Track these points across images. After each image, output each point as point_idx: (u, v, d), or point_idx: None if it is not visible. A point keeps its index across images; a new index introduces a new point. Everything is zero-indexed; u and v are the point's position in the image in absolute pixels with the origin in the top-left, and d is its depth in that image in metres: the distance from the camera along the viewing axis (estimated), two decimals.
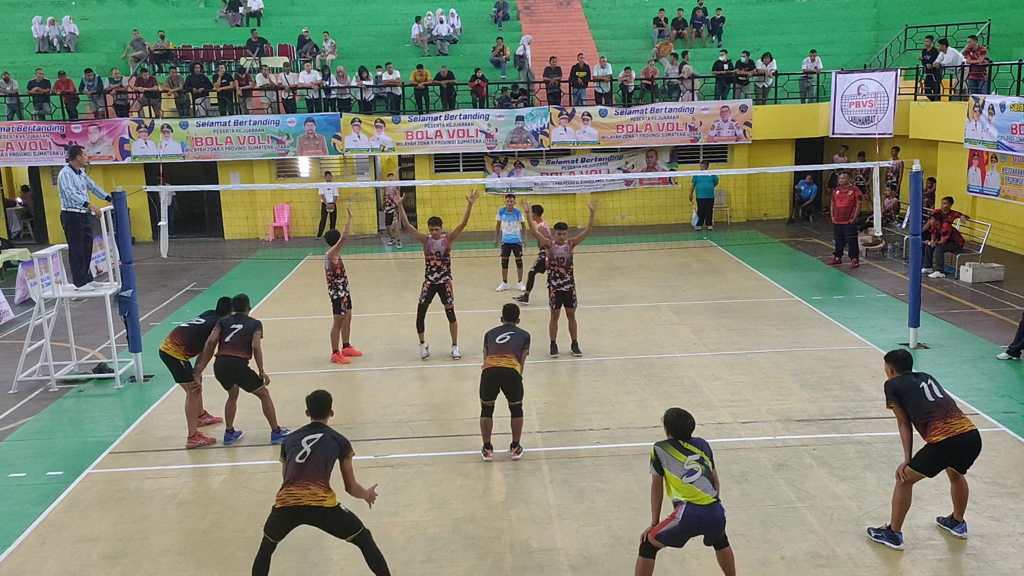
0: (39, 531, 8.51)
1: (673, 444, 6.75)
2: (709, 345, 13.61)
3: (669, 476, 6.67)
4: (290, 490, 6.84)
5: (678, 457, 6.68)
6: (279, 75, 24.72)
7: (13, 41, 28.28)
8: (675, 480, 6.63)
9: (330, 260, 13.13)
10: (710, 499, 6.57)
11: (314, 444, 6.96)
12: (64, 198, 12.53)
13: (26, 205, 26.18)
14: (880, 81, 22.08)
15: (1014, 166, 18.89)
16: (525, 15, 29.90)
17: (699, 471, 6.61)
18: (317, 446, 6.95)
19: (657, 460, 6.75)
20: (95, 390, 12.61)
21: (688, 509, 6.55)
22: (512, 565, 7.64)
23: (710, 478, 6.65)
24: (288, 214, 25.07)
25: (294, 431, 7.23)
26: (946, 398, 7.60)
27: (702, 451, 6.75)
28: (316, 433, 7.06)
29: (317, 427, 7.15)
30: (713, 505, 6.59)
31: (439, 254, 13.19)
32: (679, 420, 6.82)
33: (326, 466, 6.91)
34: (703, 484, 6.58)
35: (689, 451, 6.70)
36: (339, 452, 7.03)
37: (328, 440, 7.03)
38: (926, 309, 14.07)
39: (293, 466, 6.89)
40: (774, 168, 22.65)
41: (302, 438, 7.03)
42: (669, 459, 6.69)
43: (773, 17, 29.51)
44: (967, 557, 7.54)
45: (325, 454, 6.94)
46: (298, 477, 6.84)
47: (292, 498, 6.81)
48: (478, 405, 11.41)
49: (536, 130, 23.95)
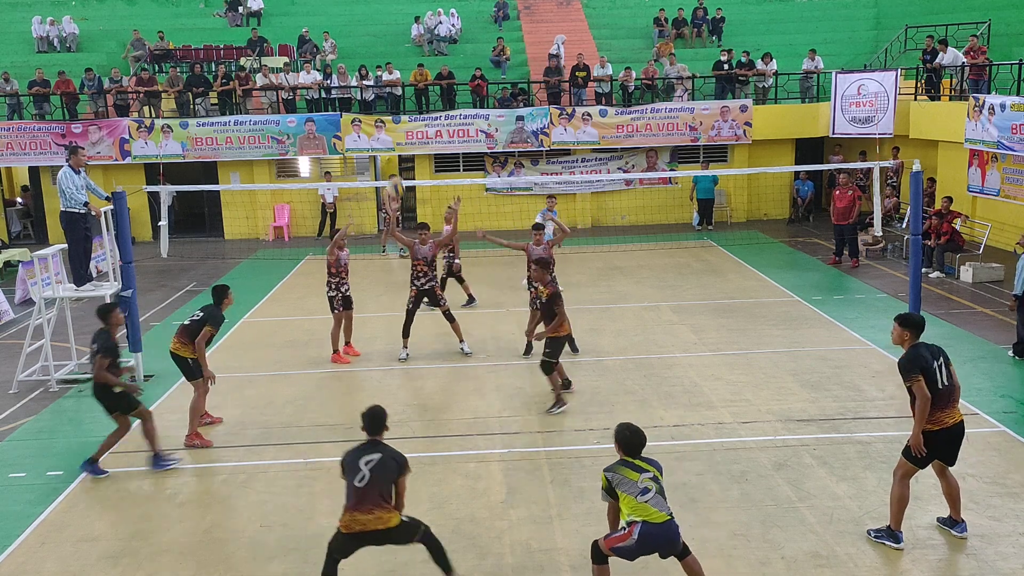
0: (39, 531, 8.51)
1: (624, 464, 6.69)
2: (709, 345, 13.61)
3: (623, 497, 6.56)
4: (354, 516, 6.70)
5: (631, 476, 6.60)
6: (279, 75, 24.73)
7: (13, 41, 28.28)
8: (629, 500, 6.53)
9: (327, 258, 13.18)
10: (665, 516, 6.50)
11: (373, 467, 6.72)
12: (64, 198, 12.54)
13: (26, 205, 26.19)
14: (880, 81, 22.08)
15: (1014, 166, 18.89)
16: (525, 15, 29.90)
17: (653, 489, 6.55)
18: (376, 468, 6.72)
19: (609, 486, 6.66)
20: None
21: (643, 528, 6.47)
22: (512, 565, 7.64)
23: (663, 496, 6.59)
24: (288, 214, 25.07)
25: (353, 448, 6.91)
26: (951, 385, 7.46)
27: (655, 468, 6.70)
28: (374, 454, 6.79)
29: (374, 446, 6.88)
30: (668, 523, 6.51)
31: (426, 259, 13.19)
32: (632, 438, 6.75)
33: (387, 488, 6.76)
34: (657, 502, 6.51)
35: (642, 468, 6.64)
36: (398, 472, 6.83)
37: (387, 461, 6.79)
38: (926, 309, 14.05)
39: (353, 490, 6.71)
40: (774, 168, 22.66)
41: (360, 459, 6.76)
42: (622, 480, 6.60)
43: (773, 17, 29.50)
44: (967, 557, 7.54)
45: (384, 476, 6.74)
46: (361, 502, 6.68)
47: (357, 524, 6.70)
48: (478, 405, 11.47)
49: (536, 130, 23.95)
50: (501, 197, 24.62)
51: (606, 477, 6.69)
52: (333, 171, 24.97)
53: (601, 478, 6.76)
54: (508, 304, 16.53)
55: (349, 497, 6.74)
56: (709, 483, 9.02)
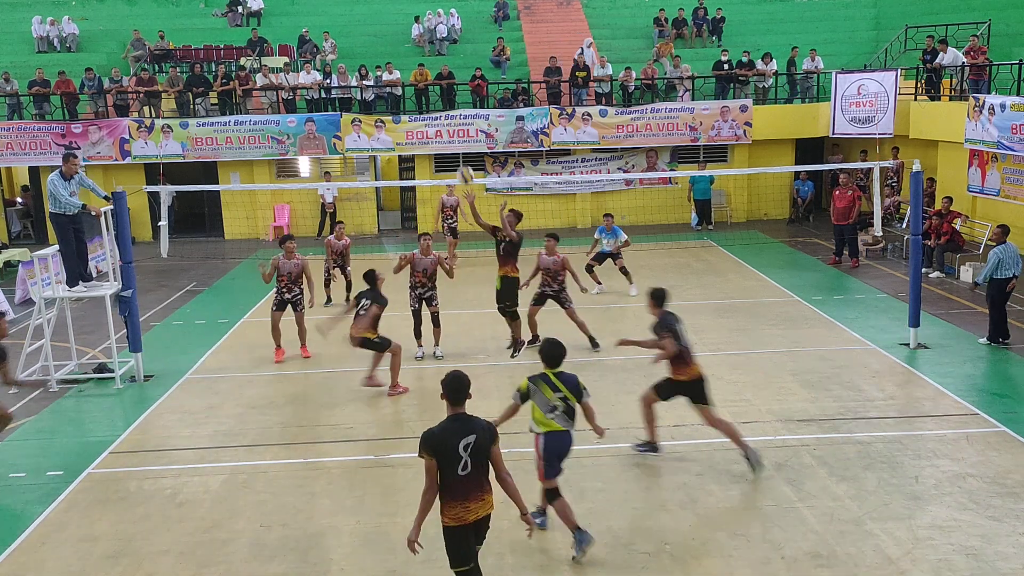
0: (39, 531, 8.52)
1: (545, 381, 7.64)
2: (709, 345, 13.61)
3: (534, 408, 7.68)
4: (467, 507, 6.20)
5: (547, 394, 7.63)
6: (279, 75, 24.72)
7: (13, 41, 28.26)
8: (539, 414, 7.68)
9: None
10: (563, 428, 7.70)
11: (472, 451, 6.16)
12: (53, 201, 12.40)
13: (26, 205, 26.18)
14: (880, 81, 22.08)
15: (1014, 166, 18.89)
16: (525, 15, 29.89)
17: (560, 408, 7.65)
18: (475, 453, 6.17)
19: (526, 393, 7.68)
20: (95, 390, 12.61)
21: (546, 439, 7.69)
22: (512, 565, 7.64)
23: (569, 416, 7.69)
24: (288, 214, 25.07)
25: (441, 428, 6.22)
26: (687, 344, 9.15)
27: (567, 389, 7.65)
28: (469, 435, 6.16)
29: (464, 424, 6.21)
30: (566, 432, 7.73)
31: (425, 272, 13.19)
32: (552, 349, 7.68)
33: (486, 469, 6.31)
34: (561, 419, 7.68)
35: (557, 389, 7.64)
36: (491, 445, 6.27)
37: (482, 442, 6.20)
38: (926, 309, 14.07)
39: (457, 479, 6.15)
40: (774, 168, 22.65)
41: (458, 444, 6.13)
42: (539, 394, 7.64)
43: (773, 17, 29.49)
44: (967, 557, 7.54)
45: (483, 458, 6.24)
46: (471, 491, 6.21)
47: (471, 515, 6.24)
48: (478, 405, 11.41)
49: (536, 130, 23.94)
50: (501, 197, 24.59)
51: (528, 384, 7.68)
52: (333, 171, 24.96)
53: (523, 383, 7.73)
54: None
55: (451, 489, 6.17)
56: (709, 483, 9.02)
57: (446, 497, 6.21)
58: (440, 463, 6.14)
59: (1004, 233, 13.29)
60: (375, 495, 9.01)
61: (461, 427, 6.20)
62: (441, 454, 6.13)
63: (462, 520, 6.21)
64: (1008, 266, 12.91)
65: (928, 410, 10.86)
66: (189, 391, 12.39)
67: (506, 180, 24.22)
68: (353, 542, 8.11)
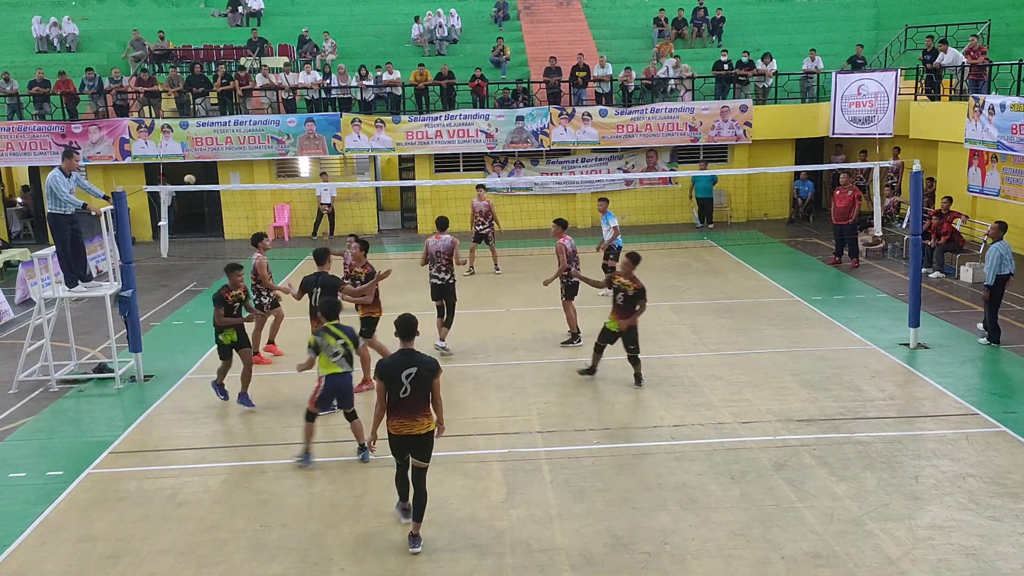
0: (39, 531, 8.52)
1: (327, 332, 9.43)
2: (709, 345, 13.61)
3: (322, 357, 9.39)
4: (402, 422, 7.74)
5: (330, 342, 9.40)
6: (279, 75, 24.72)
7: (13, 41, 28.25)
8: (324, 359, 9.42)
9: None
10: (343, 371, 9.48)
11: (412, 379, 7.67)
12: (52, 200, 12.35)
13: (26, 205, 26.18)
14: (880, 81, 22.08)
15: (1014, 166, 18.89)
16: (525, 15, 29.90)
17: (341, 352, 9.43)
18: (415, 381, 7.68)
19: (315, 346, 9.38)
20: (95, 390, 12.61)
21: (327, 379, 9.45)
22: (512, 565, 7.65)
23: (349, 360, 9.49)
24: (288, 214, 25.07)
25: (392, 359, 7.80)
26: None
27: (348, 337, 9.48)
28: (411, 367, 7.68)
29: (410, 356, 7.75)
30: (345, 374, 9.53)
31: (439, 254, 13.35)
32: (328, 307, 9.62)
33: (425, 395, 7.76)
34: (341, 363, 9.46)
35: (339, 336, 9.44)
36: (431, 378, 7.75)
37: (423, 373, 7.70)
38: (926, 309, 14.07)
39: (398, 401, 7.69)
40: (774, 168, 22.65)
41: (401, 373, 7.66)
42: (325, 343, 9.38)
43: (773, 17, 29.49)
44: (967, 557, 7.54)
45: (422, 386, 7.71)
46: (407, 411, 7.71)
47: (405, 428, 7.75)
48: (478, 405, 11.48)
49: (536, 130, 23.94)
50: (501, 197, 24.58)
51: (315, 339, 9.42)
52: (332, 171, 24.97)
53: (311, 339, 9.44)
54: (508, 304, 16.54)
55: (395, 406, 7.71)
56: (709, 483, 9.02)
57: (391, 413, 7.80)
58: (387, 386, 7.72)
59: (1002, 230, 13.28)
60: (375, 495, 9.01)
61: (407, 360, 7.76)
62: (388, 379, 7.70)
63: (399, 431, 7.79)
64: (1007, 263, 12.94)
65: (928, 410, 10.86)
66: (189, 391, 12.39)
67: (506, 180, 24.22)
68: (353, 542, 8.11)
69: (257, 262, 13.20)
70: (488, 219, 19.04)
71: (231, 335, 11.44)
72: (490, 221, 19.07)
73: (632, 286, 11.69)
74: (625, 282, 11.78)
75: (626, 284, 11.75)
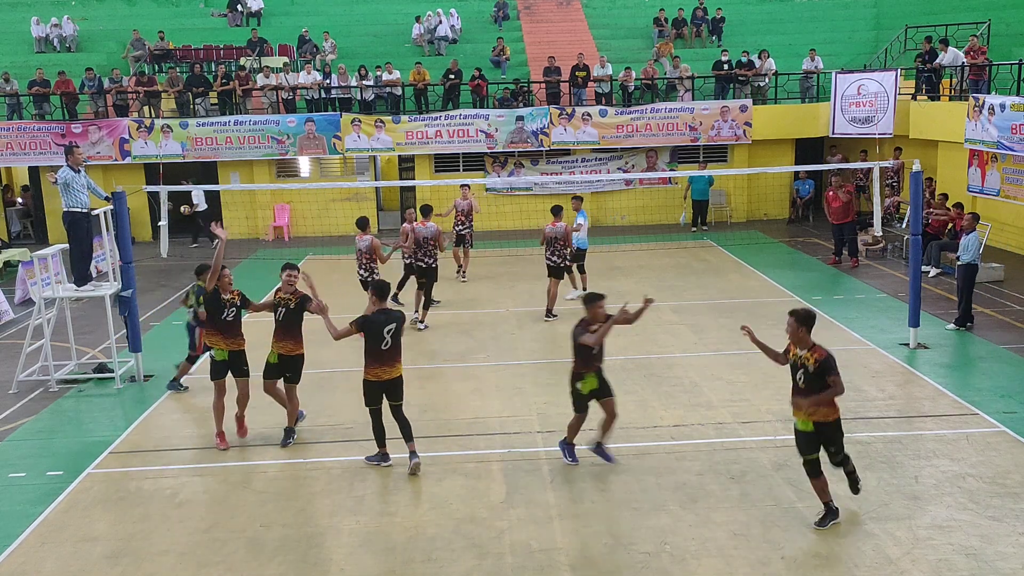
0: (39, 531, 8.52)
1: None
2: (709, 345, 13.61)
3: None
4: (382, 368, 9.13)
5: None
6: (279, 75, 24.72)
7: (13, 41, 28.25)
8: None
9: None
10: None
11: (392, 334, 9.10)
12: (68, 196, 12.45)
13: (26, 205, 26.18)
14: (880, 81, 22.08)
15: (1014, 166, 18.89)
16: (525, 15, 29.90)
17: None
18: (394, 335, 9.12)
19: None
20: (95, 390, 12.62)
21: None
22: (512, 565, 7.65)
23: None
24: (288, 214, 25.07)
25: (373, 316, 9.06)
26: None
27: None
28: (391, 323, 9.08)
29: (388, 315, 9.13)
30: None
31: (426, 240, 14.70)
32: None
33: (399, 346, 9.18)
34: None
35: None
36: (402, 327, 9.28)
37: (399, 328, 9.18)
38: (926, 309, 14.08)
39: (379, 353, 9.06)
40: (774, 168, 22.65)
41: (383, 328, 9.03)
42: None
43: (773, 17, 29.49)
44: (967, 557, 7.54)
45: (398, 339, 9.17)
46: (387, 361, 9.13)
47: (385, 375, 9.17)
48: (478, 405, 11.47)
49: (536, 130, 23.94)
50: (501, 197, 24.62)
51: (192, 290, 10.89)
52: (333, 171, 24.95)
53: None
54: (508, 304, 16.54)
55: (376, 356, 9.08)
56: (709, 483, 9.02)
57: (370, 362, 9.13)
58: (369, 339, 9.05)
59: (975, 220, 14.41)
60: (375, 495, 9.02)
61: (386, 318, 9.14)
62: (370, 333, 9.02)
63: (378, 377, 9.14)
64: (975, 252, 13.97)
65: (928, 410, 10.86)
66: (189, 391, 12.39)
67: (506, 180, 24.22)
68: (353, 542, 8.12)
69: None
70: (469, 219, 18.87)
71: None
72: (471, 222, 18.94)
73: (811, 357, 7.99)
74: (803, 355, 8.08)
75: (804, 358, 8.04)
